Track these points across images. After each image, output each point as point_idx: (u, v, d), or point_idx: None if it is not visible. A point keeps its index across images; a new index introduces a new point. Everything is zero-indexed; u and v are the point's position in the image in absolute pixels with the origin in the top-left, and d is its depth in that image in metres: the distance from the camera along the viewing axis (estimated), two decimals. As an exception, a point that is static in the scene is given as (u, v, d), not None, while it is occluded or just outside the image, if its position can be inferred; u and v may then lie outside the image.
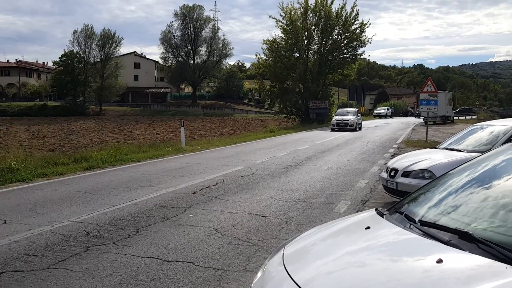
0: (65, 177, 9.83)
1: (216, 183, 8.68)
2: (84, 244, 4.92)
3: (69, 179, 9.50)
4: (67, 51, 62.84)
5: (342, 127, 26.59)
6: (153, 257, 4.48)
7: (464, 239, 1.81)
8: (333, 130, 26.53)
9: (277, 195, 7.56)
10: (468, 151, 6.63)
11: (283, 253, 2.31)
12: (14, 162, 10.17)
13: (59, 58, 63.31)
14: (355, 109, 29.75)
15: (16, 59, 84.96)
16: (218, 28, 78.11)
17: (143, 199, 7.26)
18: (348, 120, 26.93)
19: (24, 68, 77.72)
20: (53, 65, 67.82)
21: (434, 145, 11.55)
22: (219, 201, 7.12)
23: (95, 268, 4.22)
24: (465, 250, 1.74)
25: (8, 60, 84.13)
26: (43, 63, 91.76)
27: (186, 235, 5.25)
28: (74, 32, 64.69)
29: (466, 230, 1.84)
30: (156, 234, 5.30)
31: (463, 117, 50.61)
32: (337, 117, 28.04)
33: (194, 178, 9.36)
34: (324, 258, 2.10)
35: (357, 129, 27.04)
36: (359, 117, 28.65)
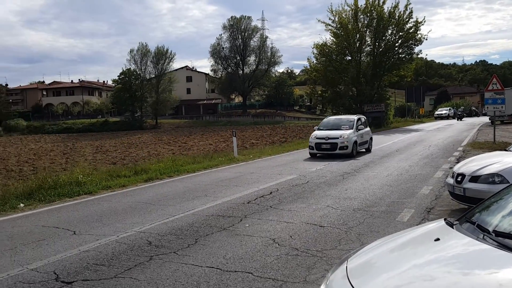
0: (127, 188, 10.25)
1: (271, 192, 8.65)
2: (147, 254, 5.07)
3: (130, 191, 9.89)
4: (124, 69, 66.24)
5: (327, 150, 14.97)
6: (212, 267, 4.51)
7: None
8: (312, 155, 15.51)
9: (335, 204, 7.38)
10: (544, 152, 6.08)
11: (346, 266, 2.22)
12: (81, 176, 10.79)
13: (118, 76, 66.80)
14: (355, 117, 16.53)
15: (79, 79, 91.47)
16: (266, 37, 78.77)
17: (200, 209, 7.39)
18: (337, 138, 14.86)
19: (86, 87, 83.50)
20: (113, 83, 71.82)
21: (503, 146, 10.78)
22: (274, 210, 7.07)
23: (158, 277, 4.32)
24: None
25: (72, 81, 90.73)
26: (104, 81, 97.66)
27: (243, 245, 5.25)
28: (130, 51, 68.20)
29: None
30: (214, 243, 5.35)
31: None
32: (318, 133, 15.72)
33: (248, 187, 9.40)
34: (390, 272, 2.00)
35: (354, 153, 14.86)
36: (362, 131, 16.31)
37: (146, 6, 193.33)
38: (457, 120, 45.86)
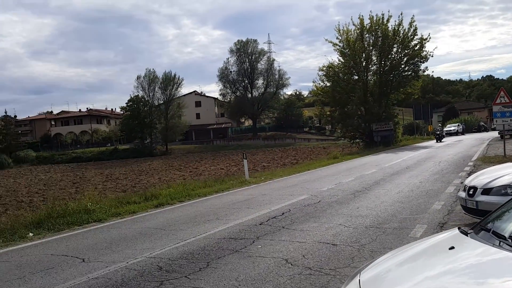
0: (137, 215, 10.22)
1: (283, 213, 8.58)
2: (158, 279, 5.02)
3: (140, 217, 9.87)
4: (132, 96, 66.76)
5: None
6: (224, 290, 4.45)
7: None
8: None
9: (347, 222, 7.29)
10: (558, 162, 5.97)
11: (359, 280, 2.18)
12: (90, 203, 10.82)
13: (126, 103, 67.34)
14: None
15: (87, 108, 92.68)
16: (273, 60, 79.68)
17: (211, 232, 7.34)
18: None
19: (94, 116, 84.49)
20: (121, 110, 72.43)
21: (515, 159, 10.60)
22: (286, 231, 6.99)
23: (169, 302, 4.26)
24: None
25: (80, 110, 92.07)
26: (112, 109, 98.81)
27: (256, 266, 5.18)
28: (138, 78, 68.78)
29: None
30: (226, 266, 5.28)
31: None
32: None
33: (260, 209, 9.34)
34: (403, 284, 1.96)
35: None
36: None
37: (152, 33, 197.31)
38: (436, 141, 36.95)
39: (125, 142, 73.43)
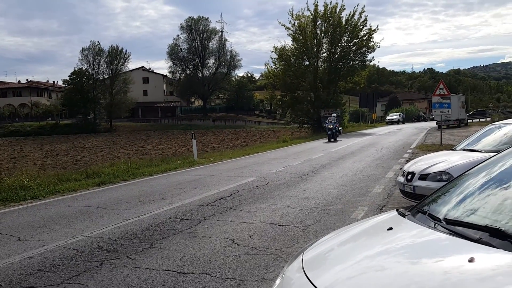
0: (77, 193, 9.86)
1: (231, 194, 8.60)
2: (98, 259, 4.86)
3: (81, 195, 9.52)
4: (76, 69, 63.52)
5: None
6: (168, 270, 4.40)
7: (496, 236, 1.70)
8: None
9: (293, 203, 7.44)
10: (487, 151, 6.42)
11: (302, 259, 2.22)
12: (27, 179, 10.25)
13: (69, 76, 64.04)
14: None
15: (27, 80, 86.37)
16: (225, 40, 78.50)
17: (156, 212, 7.20)
18: None
19: (35, 88, 78.83)
20: (63, 83, 68.68)
21: (449, 149, 11.31)
22: (234, 211, 7.02)
23: (109, 282, 4.14)
24: (498, 248, 1.63)
25: (19, 81, 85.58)
26: (54, 82, 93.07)
27: (201, 246, 5.16)
28: (82, 50, 65.60)
29: (498, 227, 1.73)
30: (171, 246, 5.22)
31: (477, 120, 49.89)
32: None
33: (208, 190, 9.29)
34: (344, 263, 2.02)
35: None
36: None
37: (99, 4, 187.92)
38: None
39: (67, 117, 69.81)
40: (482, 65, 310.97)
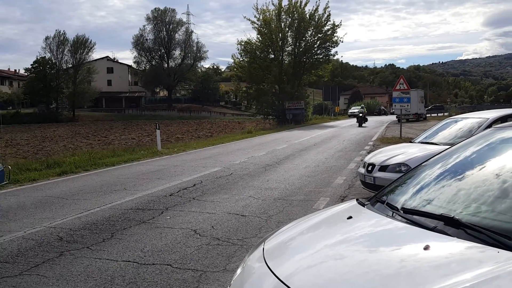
0: (37, 183, 9.53)
1: (194, 185, 8.53)
2: (57, 250, 4.72)
3: (41, 185, 9.19)
4: (39, 58, 61.31)
5: None
6: (129, 261, 4.32)
7: (451, 225, 1.76)
8: None
9: (256, 194, 7.48)
10: (444, 144, 6.69)
11: (263, 248, 2.22)
12: (-18, 169, 9.74)
13: (31, 65, 61.89)
14: None
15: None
16: (192, 31, 77.61)
17: (118, 202, 7.05)
18: None
19: (-5, 76, 74.92)
20: (25, 72, 66.12)
21: (408, 141, 11.70)
22: (197, 202, 6.98)
23: (69, 273, 4.03)
24: (452, 236, 1.69)
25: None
26: (15, 70, 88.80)
27: (163, 237, 5.10)
28: (46, 39, 63.29)
29: (452, 216, 1.79)
30: (132, 237, 5.13)
31: (435, 114, 51.83)
32: None
33: (171, 180, 9.18)
34: (304, 252, 2.04)
35: None
36: None
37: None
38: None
39: (29, 106, 66.87)
40: (441, 62, 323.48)
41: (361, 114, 31.26)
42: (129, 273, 3.99)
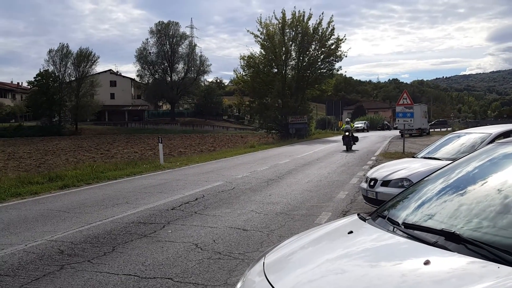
0: (39, 196, 9.54)
1: (196, 199, 8.52)
2: (58, 263, 4.71)
3: (43, 198, 9.20)
4: (42, 71, 61.74)
5: None
6: (130, 274, 4.30)
7: (451, 240, 1.75)
8: None
9: (258, 208, 7.46)
10: (446, 159, 6.67)
11: (263, 262, 2.22)
12: (-15, 182, 9.80)
13: (34, 78, 62.12)
14: None
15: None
16: (195, 45, 78.13)
17: (119, 216, 7.04)
18: None
19: (-2, 88, 75.50)
20: (28, 85, 66.45)
21: (411, 156, 11.69)
22: (199, 216, 6.96)
23: (69, 286, 4.02)
24: (453, 251, 1.69)
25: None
26: (18, 83, 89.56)
27: (164, 251, 5.08)
28: (49, 51, 63.61)
29: (453, 231, 1.79)
30: (133, 251, 5.11)
31: (439, 129, 51.78)
32: None
33: (173, 194, 9.17)
34: (305, 266, 2.03)
35: None
36: None
37: (67, 6, 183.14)
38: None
39: (32, 119, 67.20)
40: (444, 77, 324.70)
41: (347, 133, 21.39)
42: (129, 287, 3.97)
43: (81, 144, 39.52)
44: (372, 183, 6.77)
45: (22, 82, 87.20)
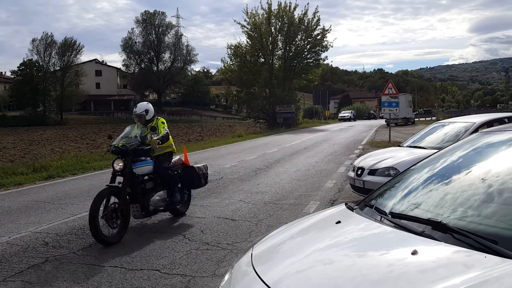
0: (23, 187, 9.39)
1: (183, 189, 8.46)
2: (43, 255, 4.64)
3: (27, 189, 9.06)
4: (25, 60, 60.59)
5: None
6: (116, 266, 4.27)
7: (438, 230, 1.75)
8: None
9: (247, 198, 7.46)
10: (431, 148, 6.74)
11: (251, 253, 2.20)
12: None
13: (18, 67, 61.08)
14: None
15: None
16: (181, 35, 77.28)
17: (106, 207, 6.95)
18: None
19: (-21, 78, 73.84)
20: (12, 74, 65.22)
21: (397, 145, 11.80)
22: (186, 206, 6.92)
23: (54, 279, 3.97)
24: (439, 241, 1.69)
25: (-37, 70, 79.69)
26: (1, 72, 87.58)
27: (151, 242, 5.05)
28: (33, 41, 62.26)
29: (440, 220, 1.79)
30: (119, 242, 5.06)
31: (423, 119, 52.38)
32: None
33: (160, 184, 9.09)
34: (293, 257, 2.02)
35: None
36: None
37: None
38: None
39: (15, 109, 65.92)
40: (428, 67, 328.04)
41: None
42: (116, 279, 3.94)
43: (67, 134, 38.98)
44: (359, 172, 6.81)
45: (5, 72, 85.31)
